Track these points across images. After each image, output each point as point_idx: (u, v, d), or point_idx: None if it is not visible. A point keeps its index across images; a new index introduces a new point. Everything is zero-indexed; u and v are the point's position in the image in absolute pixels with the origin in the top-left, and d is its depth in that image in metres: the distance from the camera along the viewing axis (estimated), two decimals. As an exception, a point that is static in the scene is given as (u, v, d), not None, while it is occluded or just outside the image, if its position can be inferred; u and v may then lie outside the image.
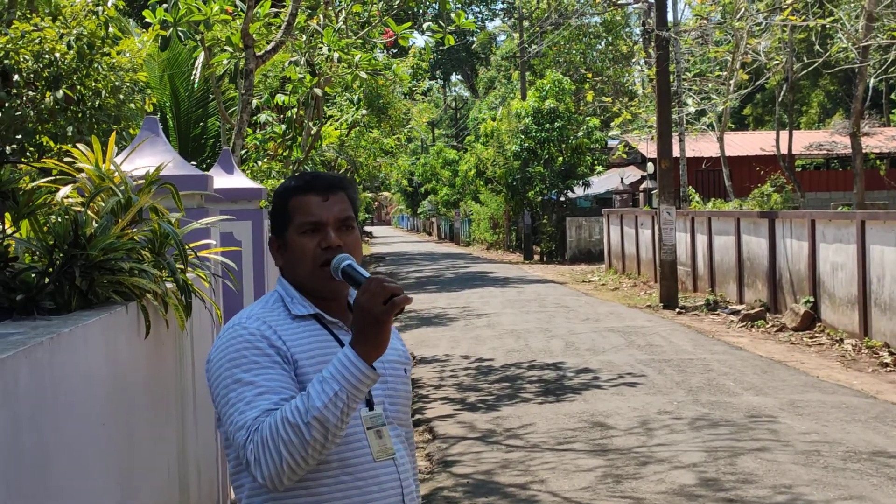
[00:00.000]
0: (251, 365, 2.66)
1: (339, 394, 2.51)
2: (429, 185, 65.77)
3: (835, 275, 16.55)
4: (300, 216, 2.85)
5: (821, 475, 8.35)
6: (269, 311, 2.81)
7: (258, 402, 2.60)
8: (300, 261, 2.84)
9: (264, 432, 2.52)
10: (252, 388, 2.62)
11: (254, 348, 2.69)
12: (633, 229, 29.53)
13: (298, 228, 2.84)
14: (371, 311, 2.53)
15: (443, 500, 8.13)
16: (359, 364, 2.53)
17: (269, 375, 2.65)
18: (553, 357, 15.11)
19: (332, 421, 2.50)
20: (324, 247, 2.81)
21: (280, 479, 2.53)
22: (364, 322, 2.55)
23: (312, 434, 2.50)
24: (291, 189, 2.90)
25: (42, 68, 8.11)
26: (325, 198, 2.86)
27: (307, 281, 2.84)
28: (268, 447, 2.51)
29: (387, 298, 2.53)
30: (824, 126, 51.83)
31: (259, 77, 14.93)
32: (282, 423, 2.51)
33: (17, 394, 2.51)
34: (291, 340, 2.75)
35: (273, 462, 2.51)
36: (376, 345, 2.56)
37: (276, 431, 2.50)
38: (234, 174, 9.11)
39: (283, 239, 2.89)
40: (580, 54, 48.86)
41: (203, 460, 5.40)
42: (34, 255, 3.75)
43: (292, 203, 2.87)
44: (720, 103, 31.58)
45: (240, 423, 2.59)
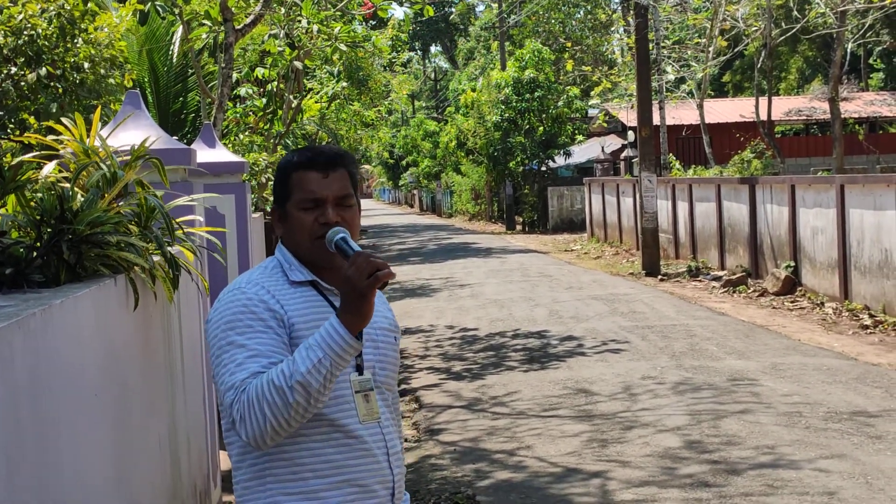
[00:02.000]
0: (245, 328, 2.77)
1: (323, 360, 2.63)
2: (410, 157, 65.70)
3: (815, 239, 16.66)
4: (300, 192, 2.93)
5: (803, 435, 8.46)
6: (267, 276, 2.91)
7: (248, 364, 2.71)
8: (298, 233, 2.93)
9: (251, 393, 2.65)
10: (243, 351, 2.74)
11: (249, 312, 2.79)
12: (615, 198, 29.61)
13: (298, 204, 2.93)
14: (356, 284, 2.65)
15: (430, 468, 8.21)
16: (343, 333, 2.66)
17: (260, 339, 2.76)
18: (537, 326, 15.20)
19: (314, 386, 2.63)
20: (322, 222, 2.90)
21: (263, 438, 2.67)
22: (349, 294, 2.66)
23: (295, 397, 2.62)
24: (293, 164, 2.98)
25: (23, 44, 8.10)
26: (325, 175, 2.95)
27: (304, 252, 2.94)
28: (253, 408, 2.64)
29: (371, 272, 2.64)
30: (803, 92, 51.95)
31: (238, 51, 14.88)
32: (267, 385, 2.63)
33: (13, 365, 2.55)
34: (289, 304, 2.85)
35: (257, 422, 2.64)
36: (360, 316, 2.67)
37: (262, 393, 2.63)
38: (216, 148, 9.12)
39: (283, 210, 2.98)
40: (559, 23, 48.75)
41: (193, 431, 5.45)
42: (21, 230, 3.78)
43: (293, 178, 2.96)
44: (699, 71, 31.63)
45: (229, 384, 2.71)
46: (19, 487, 2.55)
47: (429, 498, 7.44)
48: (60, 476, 2.94)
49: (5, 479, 2.45)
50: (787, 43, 45.46)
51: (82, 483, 3.18)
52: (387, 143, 66.28)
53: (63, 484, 2.97)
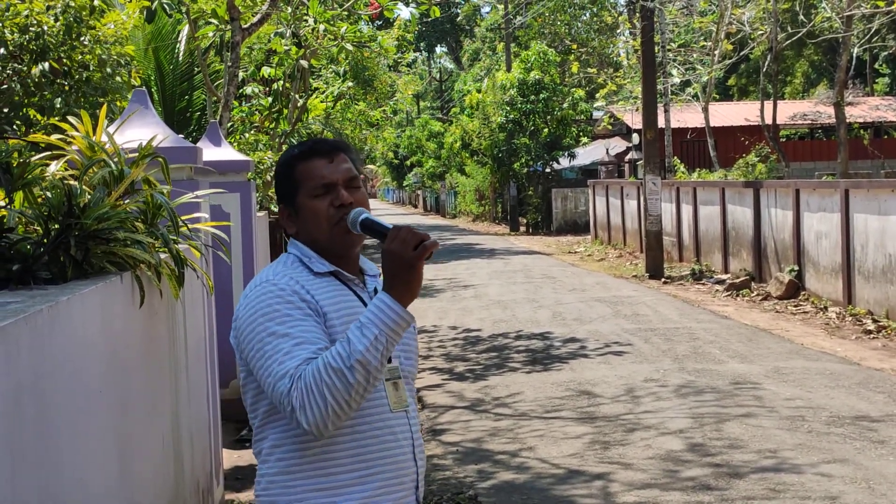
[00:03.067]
0: (285, 318, 2.73)
1: (379, 337, 2.59)
2: (414, 157, 65.65)
3: (819, 244, 16.65)
4: (309, 180, 2.91)
5: (805, 440, 8.45)
6: (291, 269, 2.87)
7: (297, 351, 2.66)
8: (315, 223, 2.90)
9: (307, 379, 2.59)
10: (289, 339, 2.69)
11: (286, 302, 2.75)
12: (619, 200, 29.59)
13: (310, 192, 2.90)
14: (403, 256, 2.62)
15: (433, 468, 8.21)
16: (395, 307, 2.62)
17: (303, 327, 2.72)
18: (540, 327, 15.20)
19: (373, 363, 2.59)
20: (337, 205, 2.88)
21: (325, 423, 2.60)
22: (397, 267, 2.64)
23: (356, 377, 2.57)
24: (295, 157, 2.96)
25: (28, 41, 8.10)
26: (330, 159, 2.93)
27: (324, 240, 2.90)
28: (312, 393, 2.58)
29: (417, 243, 2.62)
30: (808, 96, 51.89)
31: (244, 50, 14.89)
32: (325, 368, 2.58)
33: (19, 361, 2.55)
34: (319, 294, 2.82)
35: (318, 407, 2.58)
36: (410, 288, 2.65)
37: (320, 377, 2.58)
38: (221, 146, 9.14)
39: (293, 206, 2.95)
40: (565, 25, 48.73)
41: (196, 429, 5.46)
42: (28, 227, 3.79)
43: (299, 169, 2.93)
44: (705, 74, 31.61)
45: (280, 373, 2.64)
46: (23, 483, 2.56)
47: (431, 498, 7.43)
48: (64, 472, 2.95)
49: (9, 474, 2.45)
50: (793, 47, 45.45)
51: (85, 479, 3.19)
52: (391, 144, 66.28)
53: (66, 480, 2.98)
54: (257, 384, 2.80)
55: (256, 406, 2.86)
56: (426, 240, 2.63)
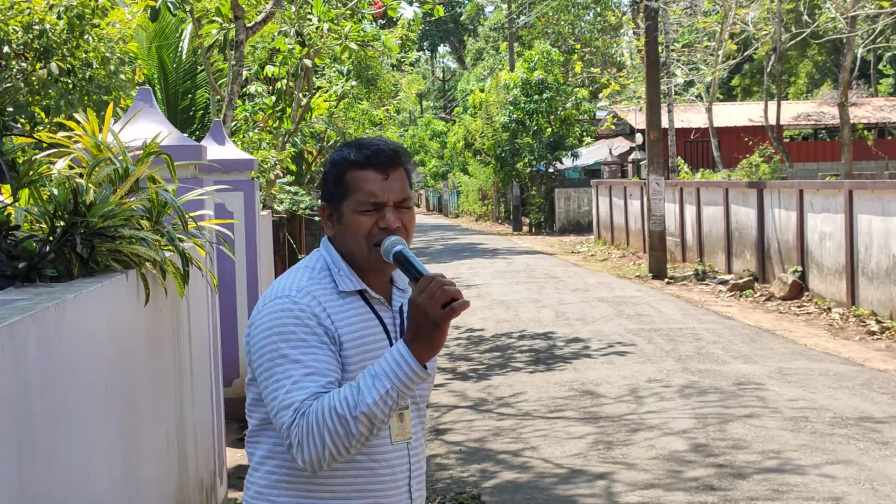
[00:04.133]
0: (299, 342, 2.61)
1: (391, 392, 2.48)
2: (417, 156, 65.66)
3: (822, 244, 16.64)
4: (359, 194, 2.74)
5: (809, 440, 8.45)
6: (316, 282, 2.73)
7: (305, 383, 2.56)
8: (355, 237, 2.75)
9: (310, 418, 2.50)
10: (300, 367, 2.58)
11: (303, 325, 2.63)
12: (622, 200, 29.59)
13: (357, 206, 2.74)
14: (429, 313, 2.48)
15: (436, 468, 8.21)
16: (413, 364, 2.50)
17: (316, 356, 2.61)
18: (543, 327, 15.19)
19: (379, 417, 2.49)
20: (382, 227, 2.73)
21: (320, 464, 2.53)
22: (421, 323, 2.49)
23: (359, 428, 2.48)
24: (350, 162, 2.78)
25: (32, 39, 8.10)
26: (385, 176, 2.76)
27: (360, 257, 2.76)
28: (312, 434, 2.49)
29: (446, 302, 2.48)
30: (812, 96, 51.85)
31: (248, 48, 14.89)
32: (329, 413, 2.49)
33: (26, 358, 2.56)
34: (339, 320, 2.70)
35: (316, 449, 2.50)
36: (431, 346, 2.51)
37: (323, 420, 2.48)
38: (225, 145, 9.15)
39: (337, 210, 2.79)
40: (568, 25, 48.71)
41: (200, 427, 5.46)
42: (34, 224, 3.79)
43: (351, 176, 2.76)
44: (708, 74, 31.59)
45: (286, 403, 2.55)
46: (29, 478, 2.56)
47: (434, 497, 7.43)
48: (70, 468, 2.95)
49: (16, 470, 2.46)
50: (797, 47, 45.44)
51: (91, 476, 3.19)
52: (394, 143, 66.19)
53: (72, 477, 2.98)
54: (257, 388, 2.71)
55: (254, 410, 2.79)
56: (457, 298, 2.48)
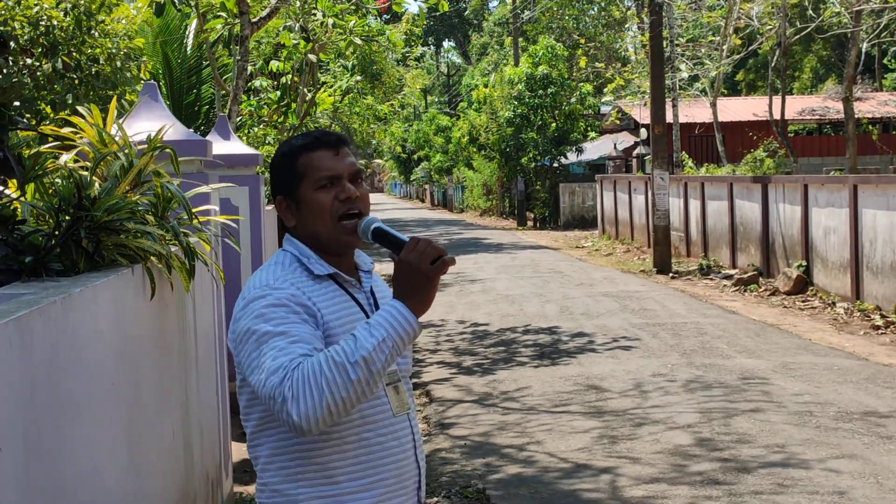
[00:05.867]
0: (280, 320, 2.65)
1: (387, 340, 2.53)
2: (422, 151, 65.63)
3: (827, 239, 16.63)
4: (314, 171, 2.84)
5: (813, 435, 8.45)
6: (289, 272, 2.79)
7: (292, 348, 2.58)
8: (318, 216, 2.83)
9: (305, 369, 2.51)
10: (284, 338, 2.61)
11: (282, 306, 2.68)
12: (627, 195, 29.57)
13: (314, 184, 2.83)
14: (420, 268, 2.59)
15: (441, 461, 8.23)
16: (409, 317, 2.58)
17: (300, 328, 2.64)
18: (548, 321, 15.20)
19: (377, 364, 2.51)
20: (342, 198, 2.82)
21: (316, 417, 2.49)
22: (413, 279, 2.60)
23: (358, 374, 2.50)
24: (299, 147, 2.88)
25: (38, 35, 8.12)
26: (335, 152, 2.86)
27: (326, 235, 2.84)
28: (308, 383, 2.49)
29: (435, 257, 2.60)
30: (817, 91, 51.81)
31: (252, 44, 14.91)
32: (326, 362, 2.50)
33: (33, 352, 2.57)
34: (320, 301, 2.76)
35: (312, 398, 2.48)
36: (424, 301, 2.61)
37: (320, 369, 2.49)
38: (230, 140, 9.16)
39: (293, 198, 2.87)
40: (573, 20, 48.66)
41: (206, 421, 5.47)
42: (40, 218, 3.80)
43: (303, 160, 2.86)
44: (713, 69, 31.56)
45: (274, 367, 2.55)
46: (36, 471, 2.57)
47: (439, 491, 7.45)
48: (76, 462, 2.97)
49: (23, 463, 2.47)
50: (802, 42, 45.38)
51: (97, 470, 3.20)
52: (399, 138, 66.28)
53: (78, 470, 2.99)
54: (251, 390, 2.72)
55: (250, 412, 2.80)
56: (444, 254, 2.61)
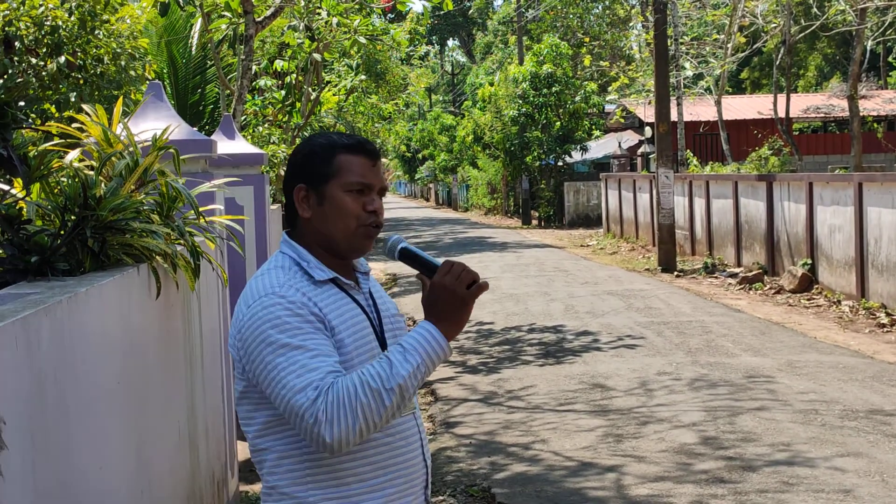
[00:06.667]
0: (296, 331, 2.63)
1: (420, 366, 2.58)
2: (426, 150, 65.68)
3: (832, 237, 16.62)
4: (350, 174, 2.81)
5: (819, 433, 8.45)
6: (292, 277, 2.76)
7: (315, 363, 2.58)
8: (341, 218, 2.81)
9: (339, 394, 2.53)
10: (305, 352, 2.60)
11: (295, 314, 2.65)
12: (631, 193, 29.56)
13: (346, 186, 2.80)
14: (456, 292, 2.64)
15: (446, 460, 8.23)
16: (442, 342, 2.63)
17: (317, 340, 2.63)
18: (553, 320, 15.20)
19: (409, 391, 2.58)
20: (370, 210, 2.81)
21: (349, 439, 2.54)
22: (448, 302, 2.65)
23: (392, 400, 2.55)
24: (340, 145, 2.84)
25: (43, 35, 8.14)
26: (373, 163, 2.85)
27: (343, 238, 2.82)
28: (343, 408, 2.52)
29: (471, 282, 2.65)
30: (822, 89, 51.75)
31: (257, 43, 14.92)
32: (361, 387, 2.53)
33: (39, 350, 2.58)
34: (326, 307, 2.74)
35: (347, 424, 2.52)
36: (458, 324, 2.66)
37: (355, 394, 2.52)
38: (235, 139, 9.16)
39: (318, 191, 2.82)
40: (577, 18, 48.67)
41: (211, 420, 5.48)
42: (45, 218, 3.81)
43: (341, 159, 2.82)
44: (718, 67, 31.55)
45: (300, 385, 2.56)
46: (42, 470, 2.58)
47: (444, 490, 7.46)
48: (82, 460, 2.97)
49: (30, 461, 2.48)
50: (806, 40, 45.34)
51: (103, 468, 3.21)
52: (403, 137, 66.22)
53: (84, 468, 3.00)
54: (258, 395, 2.71)
55: (253, 416, 2.77)
56: (478, 279, 2.66)
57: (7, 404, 2.31)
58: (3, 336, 2.32)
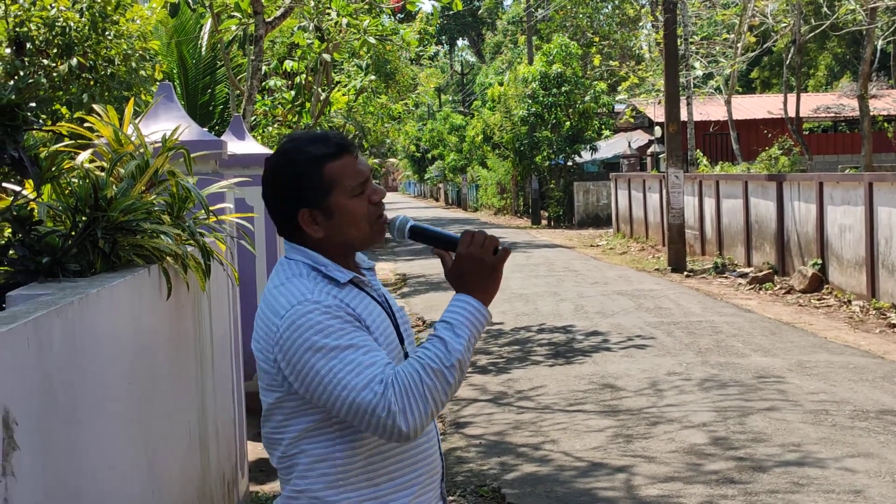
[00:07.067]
0: (340, 332, 2.59)
1: (471, 338, 2.62)
2: (436, 150, 65.68)
3: (842, 237, 16.58)
4: (348, 179, 2.73)
5: (829, 433, 8.43)
6: (317, 283, 2.70)
7: (371, 359, 2.57)
8: (355, 223, 2.75)
9: (404, 381, 2.54)
10: (355, 350, 2.57)
11: (335, 317, 2.60)
12: (641, 193, 29.53)
13: (349, 192, 2.73)
14: (485, 260, 2.68)
15: (456, 461, 8.23)
16: (483, 311, 2.67)
17: (363, 337, 2.61)
18: (562, 320, 15.20)
19: (466, 364, 2.61)
20: (375, 201, 2.77)
21: (423, 424, 2.57)
22: (479, 272, 2.69)
23: (454, 377, 2.58)
24: (324, 156, 2.74)
25: (54, 36, 8.16)
26: (355, 156, 2.79)
27: (360, 240, 2.78)
28: (413, 396, 2.53)
29: (495, 247, 2.69)
30: (832, 89, 51.62)
31: (267, 43, 14.94)
32: (423, 370, 2.55)
33: (51, 351, 2.59)
34: (356, 307, 2.69)
35: (419, 409, 2.54)
36: (491, 291, 2.71)
37: (420, 379, 2.54)
38: (245, 140, 9.18)
39: (322, 208, 2.73)
40: (587, 18, 48.64)
41: (221, 421, 5.49)
42: (56, 219, 3.82)
43: (331, 169, 2.73)
44: (728, 66, 31.50)
45: (363, 383, 2.54)
46: (52, 470, 2.59)
47: (454, 490, 7.46)
48: (92, 461, 2.98)
49: (41, 462, 2.49)
50: (816, 39, 45.24)
51: (113, 468, 3.22)
52: (413, 137, 66.32)
53: (95, 469, 3.01)
54: (297, 403, 2.66)
55: (287, 425, 2.72)
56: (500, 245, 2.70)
57: (19, 405, 2.32)
58: (15, 337, 2.33)
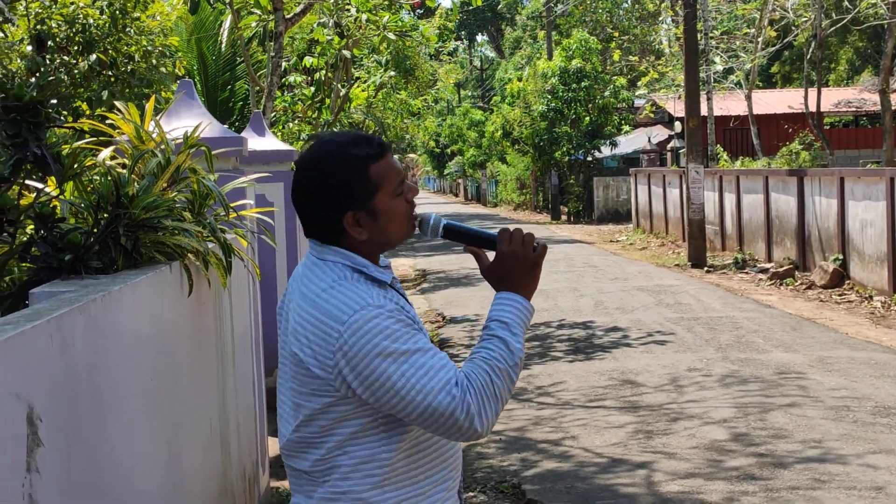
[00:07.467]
0: (406, 336, 2.59)
1: (522, 335, 2.73)
2: (455, 146, 65.66)
3: (864, 232, 16.50)
4: (391, 179, 2.73)
5: (850, 430, 8.40)
6: (369, 287, 2.67)
7: (440, 361, 2.60)
8: (396, 224, 2.75)
9: (477, 383, 2.60)
10: (423, 354, 2.59)
11: (397, 321, 2.59)
12: (661, 189, 29.46)
13: (392, 192, 2.72)
14: (527, 257, 2.76)
15: (476, 457, 8.24)
16: (528, 306, 2.78)
17: (425, 340, 2.62)
18: (582, 316, 15.18)
19: (523, 360, 2.71)
20: (410, 199, 2.78)
21: (493, 424, 2.64)
22: (521, 269, 2.78)
23: (517, 374, 2.68)
24: (368, 156, 2.71)
25: (75, 33, 8.19)
26: (391, 153, 2.79)
27: (398, 239, 2.79)
28: (487, 397, 2.60)
29: (533, 244, 2.77)
30: (853, 83, 51.32)
31: (286, 40, 14.96)
32: (492, 371, 2.63)
33: (74, 349, 2.60)
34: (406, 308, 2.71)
35: (492, 409, 2.61)
36: (533, 287, 2.81)
37: (491, 380, 2.61)
38: (265, 136, 9.19)
39: (367, 210, 2.71)
40: (606, 13, 48.48)
41: (242, 417, 5.51)
42: (78, 216, 3.83)
43: (376, 169, 2.71)
44: (748, 61, 31.37)
45: (438, 386, 2.55)
46: (76, 466, 2.60)
47: (475, 486, 7.47)
48: (115, 457, 2.99)
49: (65, 457, 2.50)
50: (837, 34, 44.99)
51: (136, 465, 3.23)
52: (432, 133, 66.32)
53: (117, 465, 3.02)
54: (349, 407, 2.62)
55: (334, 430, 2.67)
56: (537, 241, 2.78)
57: (42, 402, 2.33)
58: (38, 334, 2.34)
